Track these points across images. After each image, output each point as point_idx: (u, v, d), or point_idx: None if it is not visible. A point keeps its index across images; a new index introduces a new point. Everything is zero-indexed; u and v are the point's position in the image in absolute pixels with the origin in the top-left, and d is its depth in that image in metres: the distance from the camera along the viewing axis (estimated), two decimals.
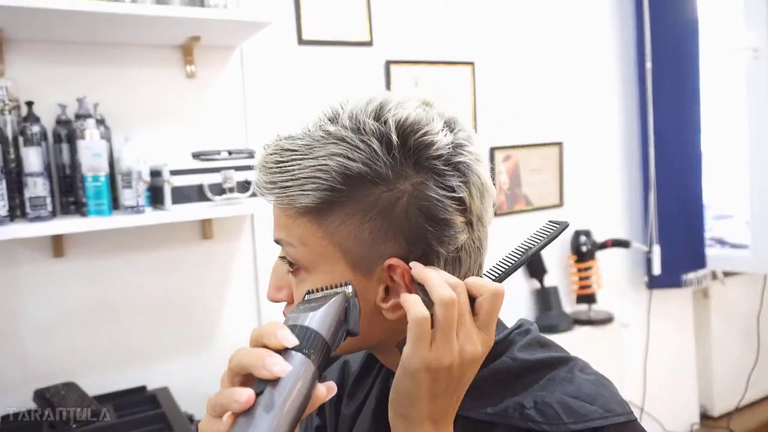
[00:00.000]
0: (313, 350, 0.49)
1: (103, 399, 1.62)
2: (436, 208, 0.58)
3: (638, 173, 2.70)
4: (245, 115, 1.87)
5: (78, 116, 1.55)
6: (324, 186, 0.57)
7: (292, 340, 0.48)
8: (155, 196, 1.60)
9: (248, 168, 1.65)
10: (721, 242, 2.84)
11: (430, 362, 0.54)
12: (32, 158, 1.42)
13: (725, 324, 3.03)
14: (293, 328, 0.50)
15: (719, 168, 3.02)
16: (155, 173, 1.59)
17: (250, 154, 1.68)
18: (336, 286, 0.57)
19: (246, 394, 0.45)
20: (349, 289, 0.56)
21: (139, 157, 1.55)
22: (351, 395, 0.78)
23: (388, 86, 2.09)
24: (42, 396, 1.46)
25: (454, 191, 0.58)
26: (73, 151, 1.54)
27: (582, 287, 2.50)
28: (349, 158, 0.57)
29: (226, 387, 0.48)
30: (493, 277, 0.60)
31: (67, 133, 1.56)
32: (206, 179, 1.60)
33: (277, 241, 0.63)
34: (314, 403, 0.48)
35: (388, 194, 0.58)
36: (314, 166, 0.57)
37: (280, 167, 0.59)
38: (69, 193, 1.57)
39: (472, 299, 0.57)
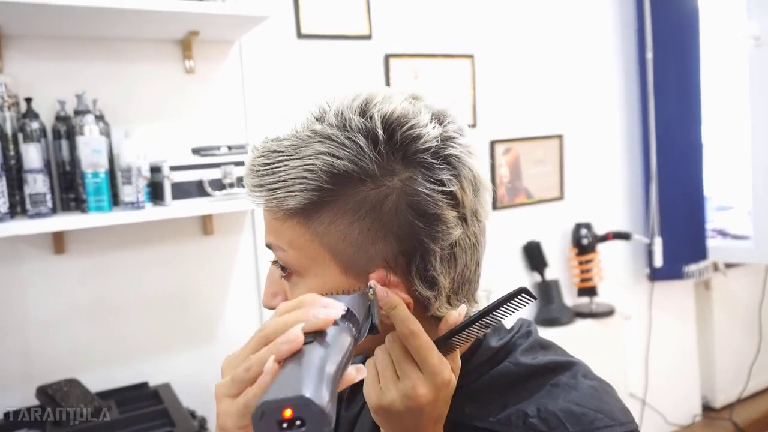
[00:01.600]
0: (353, 325, 0.47)
1: (105, 395, 1.62)
2: (426, 203, 0.56)
3: (639, 165, 2.70)
4: (245, 109, 1.86)
5: (77, 112, 1.55)
6: (311, 186, 0.56)
7: (339, 308, 0.46)
8: (155, 192, 1.60)
9: None
10: (723, 233, 2.84)
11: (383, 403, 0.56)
12: (32, 155, 1.42)
13: (727, 315, 3.02)
14: None
15: (720, 159, 3.01)
16: (155, 169, 1.58)
17: None
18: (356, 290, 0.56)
19: (297, 331, 0.42)
20: (370, 290, 0.55)
21: (138, 152, 1.54)
22: (350, 399, 0.78)
23: (387, 80, 2.09)
24: (44, 392, 1.46)
25: (444, 185, 0.56)
26: (73, 148, 1.54)
27: (583, 280, 2.50)
28: (335, 156, 0.55)
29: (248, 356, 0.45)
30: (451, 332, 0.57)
31: (66, 129, 1.55)
32: (206, 175, 1.60)
33: (269, 246, 0.62)
34: (344, 382, 0.45)
35: (376, 191, 0.56)
36: (300, 166, 0.56)
37: (267, 169, 0.58)
38: (69, 190, 1.57)
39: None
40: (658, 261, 2.62)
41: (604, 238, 2.51)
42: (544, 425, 0.58)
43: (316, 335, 0.44)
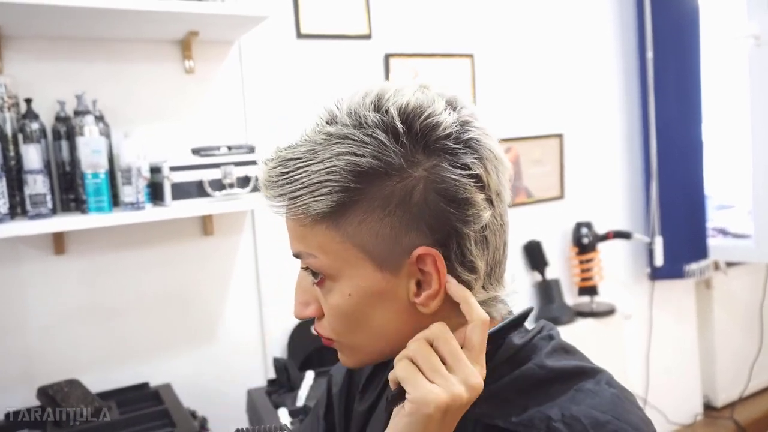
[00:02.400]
0: None
1: (105, 396, 1.62)
2: (455, 189, 0.56)
3: (639, 164, 2.69)
4: (244, 110, 1.86)
5: (77, 113, 1.55)
6: (336, 188, 0.55)
7: None
8: (155, 193, 1.60)
9: (248, 163, 1.65)
10: (723, 232, 2.83)
11: (447, 398, 0.52)
12: (32, 155, 1.42)
13: (728, 314, 3.02)
14: None
15: (721, 158, 3.00)
16: (155, 169, 1.58)
17: (250, 150, 1.68)
18: (270, 429, 0.52)
19: None
20: (286, 427, 0.52)
21: (138, 153, 1.54)
22: (363, 392, 0.77)
23: (387, 79, 2.08)
24: (45, 393, 1.46)
25: (469, 168, 0.57)
26: (73, 148, 1.54)
27: (584, 279, 2.50)
28: (356, 154, 0.55)
29: None
30: None
31: (66, 129, 1.55)
32: (206, 175, 1.59)
33: (297, 255, 0.61)
34: None
35: (402, 184, 0.56)
36: (322, 169, 0.55)
37: (287, 178, 0.57)
38: (69, 190, 1.57)
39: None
40: (659, 260, 2.62)
41: (605, 237, 2.50)
42: (568, 430, 0.57)
43: None
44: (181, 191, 1.57)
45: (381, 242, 0.57)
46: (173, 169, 1.55)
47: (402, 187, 0.56)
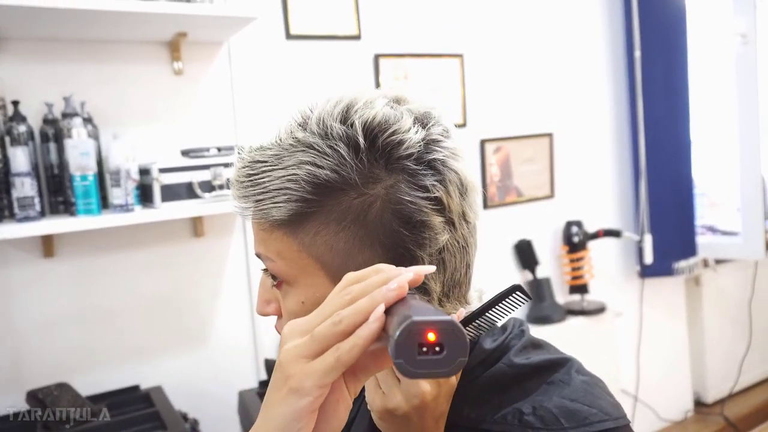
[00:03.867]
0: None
1: (96, 399, 1.61)
2: (411, 211, 0.55)
3: (629, 162, 2.71)
4: (234, 111, 1.86)
5: (65, 115, 1.54)
6: (295, 197, 0.55)
7: (429, 268, 0.46)
8: (144, 195, 1.59)
9: None
10: (712, 230, 2.86)
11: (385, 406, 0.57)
12: (19, 158, 1.41)
13: (717, 311, 3.04)
14: None
15: (709, 155, 3.02)
16: (144, 171, 1.58)
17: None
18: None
19: (404, 281, 0.42)
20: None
21: (127, 155, 1.54)
22: None
23: (377, 80, 2.09)
24: (35, 397, 1.45)
25: (428, 191, 0.55)
26: (61, 151, 1.53)
27: (574, 277, 2.51)
28: (317, 165, 0.55)
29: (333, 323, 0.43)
30: None
31: (54, 132, 1.55)
32: (196, 176, 1.59)
33: (258, 256, 0.61)
34: None
35: (360, 200, 0.55)
36: (284, 176, 0.55)
37: (252, 180, 0.57)
38: (57, 193, 1.56)
39: None
40: (649, 258, 2.63)
41: (595, 235, 2.52)
42: (539, 422, 0.58)
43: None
44: (171, 193, 1.56)
45: (336, 256, 0.56)
46: (162, 170, 1.55)
47: (359, 204, 0.55)
